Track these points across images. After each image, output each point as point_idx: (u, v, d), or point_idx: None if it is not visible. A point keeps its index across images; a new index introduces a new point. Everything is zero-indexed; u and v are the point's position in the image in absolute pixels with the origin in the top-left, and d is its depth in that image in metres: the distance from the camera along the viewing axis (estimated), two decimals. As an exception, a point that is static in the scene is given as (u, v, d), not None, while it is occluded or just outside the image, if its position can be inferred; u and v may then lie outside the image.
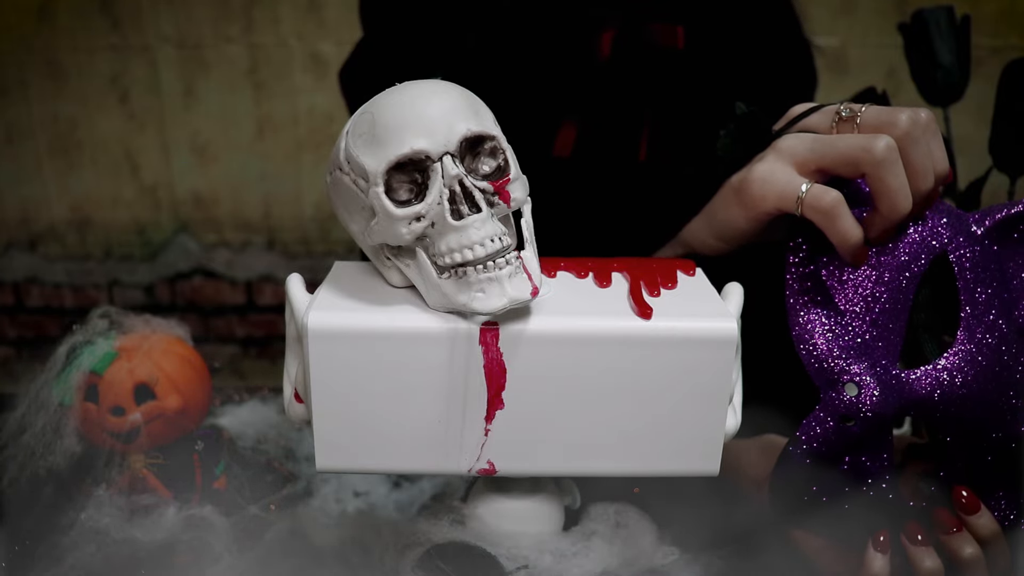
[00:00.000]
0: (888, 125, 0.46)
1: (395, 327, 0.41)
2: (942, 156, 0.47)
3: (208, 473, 0.60)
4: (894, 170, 0.45)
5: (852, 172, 0.46)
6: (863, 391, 0.46)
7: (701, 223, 0.55)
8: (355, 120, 0.42)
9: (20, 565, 0.55)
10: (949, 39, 0.66)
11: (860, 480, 0.48)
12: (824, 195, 0.46)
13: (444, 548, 0.47)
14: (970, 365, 0.47)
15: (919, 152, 0.45)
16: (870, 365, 0.46)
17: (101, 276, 1.76)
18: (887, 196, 0.45)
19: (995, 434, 0.48)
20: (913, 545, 0.49)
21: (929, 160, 0.46)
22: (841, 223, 0.46)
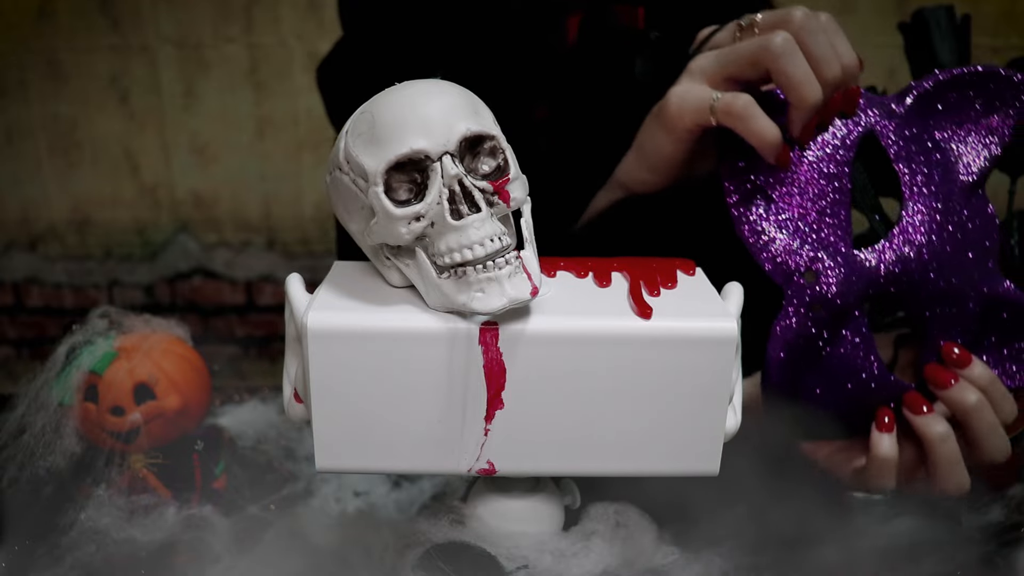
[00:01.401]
0: (784, 22, 0.48)
1: (395, 327, 0.41)
2: (847, 49, 0.48)
3: (208, 473, 0.60)
4: (794, 60, 0.46)
5: (757, 72, 0.48)
6: (823, 275, 0.47)
7: (631, 158, 0.56)
8: (355, 120, 0.42)
9: (20, 565, 0.55)
10: (949, 38, 0.66)
11: (847, 370, 0.49)
12: (735, 99, 0.47)
13: (444, 548, 0.47)
14: (923, 234, 0.48)
15: (818, 42, 0.47)
16: (825, 251, 0.47)
17: (101, 276, 1.76)
18: (792, 87, 0.46)
19: (970, 303, 0.49)
20: (917, 415, 0.48)
21: (830, 50, 0.47)
22: (755, 123, 0.47)
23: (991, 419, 0.48)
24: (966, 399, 0.48)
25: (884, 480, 0.50)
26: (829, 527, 0.59)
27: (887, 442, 0.49)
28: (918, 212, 0.48)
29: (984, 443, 0.48)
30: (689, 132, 0.51)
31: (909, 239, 0.48)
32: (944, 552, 0.57)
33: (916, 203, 0.49)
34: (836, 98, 0.48)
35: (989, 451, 0.48)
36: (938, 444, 0.48)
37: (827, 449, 0.53)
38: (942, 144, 0.50)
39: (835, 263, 0.47)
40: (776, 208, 0.49)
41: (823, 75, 0.47)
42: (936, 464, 0.48)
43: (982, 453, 0.48)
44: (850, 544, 0.57)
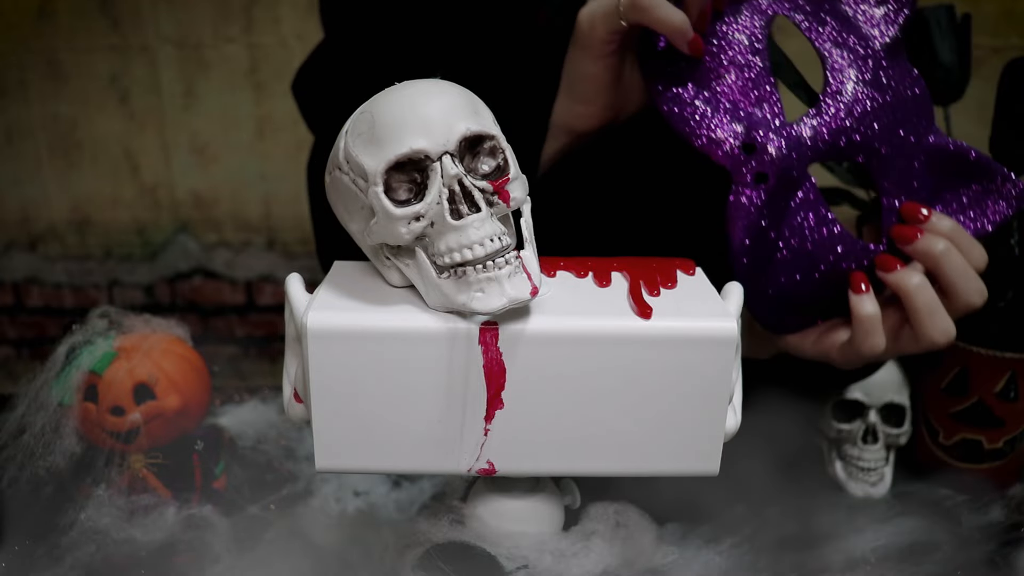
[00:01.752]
0: None
1: (394, 327, 0.41)
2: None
3: (208, 473, 0.60)
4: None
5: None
6: (762, 145, 0.49)
7: (562, 96, 0.57)
8: (354, 119, 0.42)
9: (20, 565, 0.55)
10: (950, 38, 0.66)
11: (812, 242, 0.51)
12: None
13: (444, 548, 0.47)
14: (851, 96, 0.49)
15: None
16: (760, 126, 0.49)
17: (101, 276, 1.76)
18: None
19: (915, 160, 0.51)
20: (891, 272, 0.50)
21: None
22: (660, 11, 0.48)
23: (961, 262, 0.49)
24: (934, 247, 0.49)
25: (873, 340, 0.50)
26: (829, 527, 0.59)
27: (867, 301, 0.50)
28: (841, 79, 0.50)
29: (959, 286, 0.49)
30: (605, 44, 0.52)
31: (839, 104, 0.49)
32: (944, 552, 0.57)
33: (838, 71, 0.50)
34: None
35: (965, 294, 0.49)
36: (916, 294, 0.49)
37: (812, 335, 0.54)
38: (851, 14, 0.52)
39: (771, 135, 0.49)
40: (704, 94, 0.51)
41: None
42: (918, 313, 0.49)
43: (958, 297, 0.49)
44: (850, 544, 0.58)
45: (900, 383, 0.67)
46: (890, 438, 0.66)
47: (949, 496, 0.65)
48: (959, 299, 0.49)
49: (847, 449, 0.66)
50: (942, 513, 0.63)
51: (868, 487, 0.65)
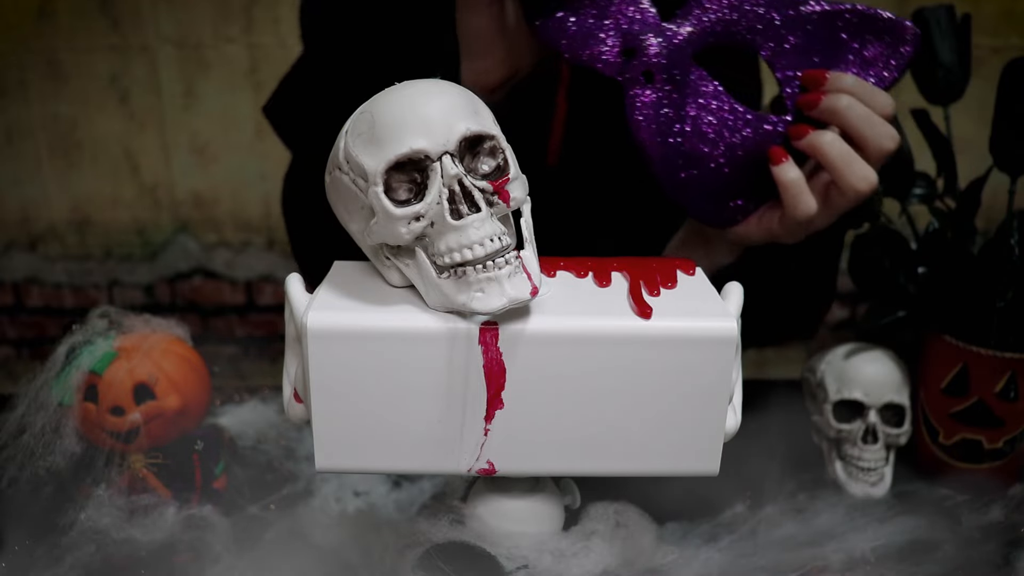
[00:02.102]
0: None
1: (394, 327, 0.41)
2: None
3: (208, 473, 0.60)
4: None
5: None
6: (641, 46, 0.52)
7: (463, 57, 0.60)
8: (354, 119, 0.42)
9: (20, 565, 0.55)
10: (949, 38, 0.66)
11: (721, 127, 0.54)
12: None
13: (444, 548, 0.47)
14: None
15: None
16: (638, 30, 0.53)
17: (101, 276, 1.76)
18: None
19: (798, 32, 0.54)
20: (803, 137, 0.53)
21: None
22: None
23: (864, 111, 0.51)
24: (836, 103, 0.51)
25: (804, 203, 0.53)
26: (829, 527, 0.59)
27: (788, 168, 0.53)
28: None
29: (867, 133, 0.51)
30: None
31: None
32: (944, 552, 0.57)
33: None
34: None
35: (875, 140, 0.52)
36: (828, 148, 0.51)
37: (754, 219, 0.57)
38: None
39: (650, 35, 0.52)
40: (579, 16, 0.54)
41: None
42: (835, 165, 0.51)
43: (869, 144, 0.52)
44: (850, 544, 0.58)
45: (900, 383, 0.67)
46: (890, 438, 0.66)
47: (949, 496, 0.65)
48: (871, 146, 0.51)
49: (847, 449, 0.66)
50: (942, 513, 0.63)
51: (868, 487, 0.65)
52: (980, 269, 0.64)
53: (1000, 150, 0.64)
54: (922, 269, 0.68)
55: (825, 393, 0.67)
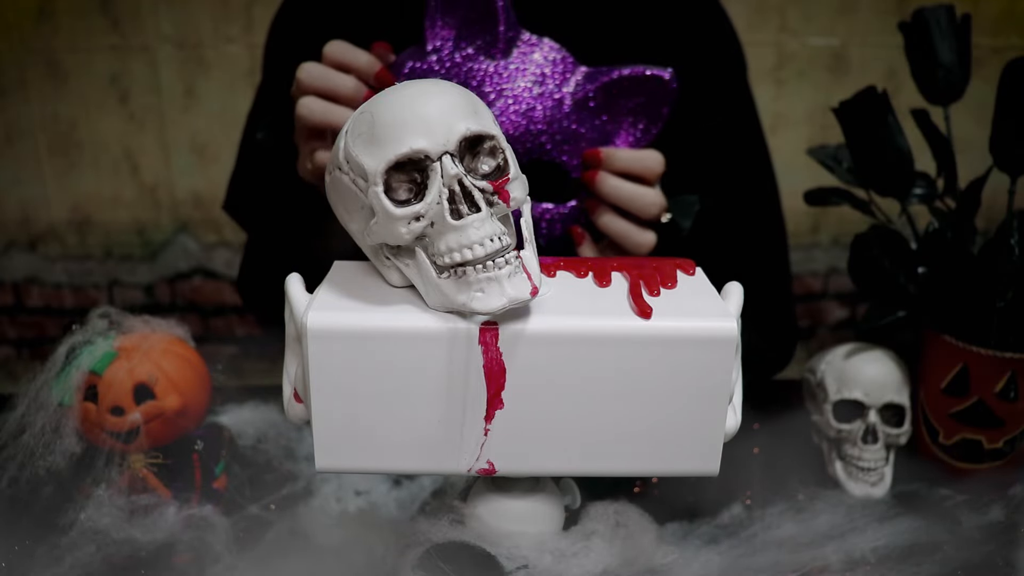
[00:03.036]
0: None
1: (394, 327, 0.41)
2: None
3: (208, 473, 0.60)
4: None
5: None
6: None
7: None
8: (354, 119, 0.42)
9: (20, 565, 0.55)
10: (950, 38, 0.66)
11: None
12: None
13: (444, 548, 0.47)
14: (500, 113, 0.60)
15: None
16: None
17: (101, 276, 1.76)
18: None
19: (571, 119, 0.61)
20: (592, 216, 0.63)
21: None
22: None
23: (629, 189, 0.61)
24: (604, 186, 0.61)
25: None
26: (829, 527, 0.59)
27: (585, 249, 0.64)
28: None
29: (635, 206, 0.62)
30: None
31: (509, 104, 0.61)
32: (944, 552, 0.57)
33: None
34: None
35: (643, 210, 0.62)
36: (607, 227, 0.62)
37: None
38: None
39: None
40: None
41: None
42: (618, 238, 0.63)
43: (641, 213, 0.62)
44: (850, 544, 0.57)
45: (900, 383, 0.67)
46: (890, 438, 0.66)
47: (949, 496, 0.65)
48: (642, 214, 0.62)
49: (847, 449, 0.66)
50: (942, 513, 0.63)
51: (868, 487, 0.65)
52: (980, 269, 0.64)
53: (1000, 150, 0.64)
54: (922, 269, 0.68)
55: (825, 393, 0.67)
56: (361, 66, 0.61)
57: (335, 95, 0.60)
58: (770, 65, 1.28)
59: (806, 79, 1.28)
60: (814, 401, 0.70)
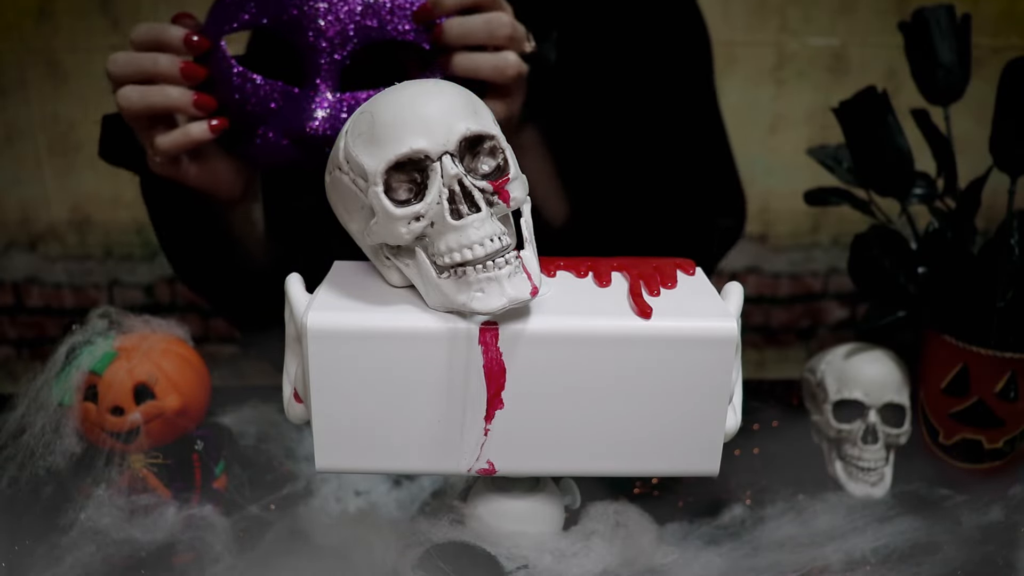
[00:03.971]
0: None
1: (394, 327, 0.41)
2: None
3: (208, 473, 0.60)
4: None
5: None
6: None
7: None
8: (354, 119, 0.42)
9: (20, 565, 0.55)
10: (950, 38, 0.66)
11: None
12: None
13: (444, 548, 0.47)
14: None
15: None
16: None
17: (101, 276, 1.76)
18: None
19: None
20: (455, 67, 0.58)
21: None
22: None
23: (472, 19, 0.58)
24: (450, 31, 0.58)
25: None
26: (829, 527, 0.59)
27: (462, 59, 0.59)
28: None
29: (486, 29, 0.58)
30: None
31: None
32: (944, 552, 0.57)
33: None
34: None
35: (493, 30, 0.58)
36: (468, 62, 0.58)
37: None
38: None
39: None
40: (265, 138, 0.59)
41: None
42: (476, 64, 0.59)
43: (494, 32, 0.58)
44: (850, 544, 0.58)
45: (900, 383, 0.67)
46: (890, 438, 0.66)
47: (949, 496, 0.65)
48: (496, 38, 0.58)
49: (847, 449, 0.66)
50: (942, 513, 0.63)
51: (868, 487, 0.65)
52: (980, 269, 0.64)
53: (1000, 150, 0.64)
54: (922, 269, 0.68)
55: (825, 393, 0.67)
56: (171, 40, 0.58)
57: (151, 76, 0.57)
58: (770, 65, 1.28)
59: (806, 79, 1.28)
60: (814, 401, 0.70)
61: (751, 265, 1.35)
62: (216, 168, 0.63)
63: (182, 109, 0.58)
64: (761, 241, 1.35)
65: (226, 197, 0.66)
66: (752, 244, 1.34)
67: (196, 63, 0.58)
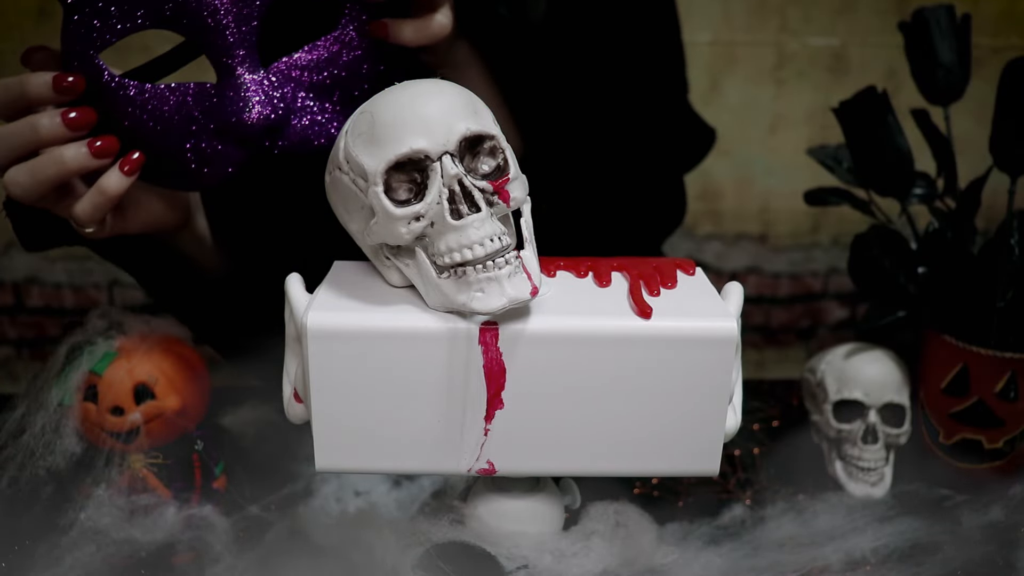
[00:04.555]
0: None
1: (394, 327, 0.41)
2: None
3: (208, 473, 0.60)
4: None
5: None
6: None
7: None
8: (354, 119, 0.42)
9: (20, 565, 0.55)
10: (949, 38, 0.66)
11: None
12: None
13: (444, 548, 0.47)
14: None
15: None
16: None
17: (101, 276, 1.76)
18: None
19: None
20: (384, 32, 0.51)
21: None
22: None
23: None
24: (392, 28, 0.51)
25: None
26: (829, 527, 0.59)
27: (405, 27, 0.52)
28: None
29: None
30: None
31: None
32: (944, 552, 0.57)
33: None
34: None
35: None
36: (398, 31, 0.51)
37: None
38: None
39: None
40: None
41: None
42: (408, 30, 0.51)
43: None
44: (850, 544, 0.58)
45: (900, 383, 0.67)
46: (890, 438, 0.66)
47: (949, 496, 0.65)
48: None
49: (847, 449, 0.66)
50: (942, 513, 0.63)
51: (868, 487, 0.65)
52: (980, 269, 0.64)
53: (1000, 150, 0.64)
54: (922, 269, 0.68)
55: (825, 393, 0.67)
56: (38, 92, 0.47)
57: (33, 147, 0.47)
58: (770, 65, 1.28)
59: (806, 79, 1.28)
60: (814, 401, 0.70)
61: (751, 265, 1.35)
62: (153, 208, 0.54)
63: (84, 169, 0.47)
64: (761, 241, 1.35)
65: (174, 228, 0.58)
66: (752, 244, 1.34)
67: (82, 107, 0.47)
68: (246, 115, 0.48)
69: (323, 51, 0.51)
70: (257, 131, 0.48)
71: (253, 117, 0.48)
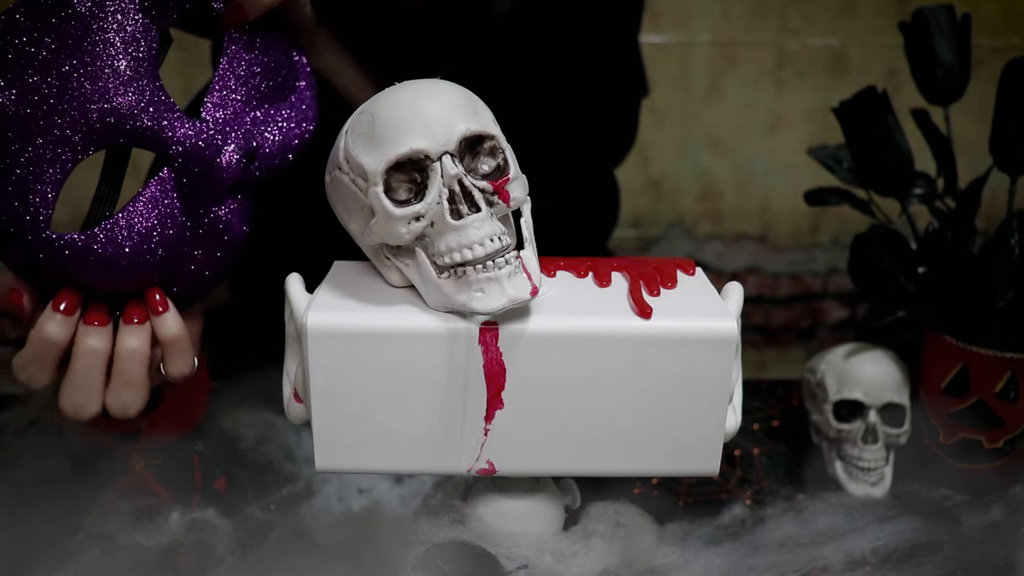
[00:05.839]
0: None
1: (394, 327, 0.41)
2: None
3: (208, 474, 0.60)
4: None
5: None
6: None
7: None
8: (354, 119, 0.42)
9: (20, 566, 0.55)
10: (949, 38, 0.66)
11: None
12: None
13: (444, 548, 0.47)
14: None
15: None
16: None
17: (101, 276, 1.76)
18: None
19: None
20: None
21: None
22: None
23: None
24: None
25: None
26: (829, 527, 0.59)
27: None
28: None
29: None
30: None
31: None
32: (944, 552, 0.57)
33: None
34: None
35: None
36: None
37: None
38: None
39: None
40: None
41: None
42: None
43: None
44: (850, 544, 0.58)
45: (900, 383, 0.67)
46: (890, 438, 0.66)
47: (949, 496, 0.65)
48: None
49: (847, 449, 0.66)
50: (942, 513, 0.63)
51: (868, 487, 0.65)
52: (980, 269, 0.64)
53: (1000, 150, 0.64)
54: (922, 269, 0.68)
55: (825, 393, 0.67)
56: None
57: (59, 350, 0.45)
58: (770, 65, 1.28)
59: (806, 79, 1.28)
60: (814, 401, 0.70)
61: (751, 265, 1.35)
62: (193, 328, 0.50)
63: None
64: (761, 241, 1.35)
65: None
66: (752, 244, 1.34)
67: (63, 292, 0.46)
68: (218, 163, 0.45)
69: (226, 69, 0.49)
70: (236, 169, 0.45)
71: (224, 161, 0.45)
